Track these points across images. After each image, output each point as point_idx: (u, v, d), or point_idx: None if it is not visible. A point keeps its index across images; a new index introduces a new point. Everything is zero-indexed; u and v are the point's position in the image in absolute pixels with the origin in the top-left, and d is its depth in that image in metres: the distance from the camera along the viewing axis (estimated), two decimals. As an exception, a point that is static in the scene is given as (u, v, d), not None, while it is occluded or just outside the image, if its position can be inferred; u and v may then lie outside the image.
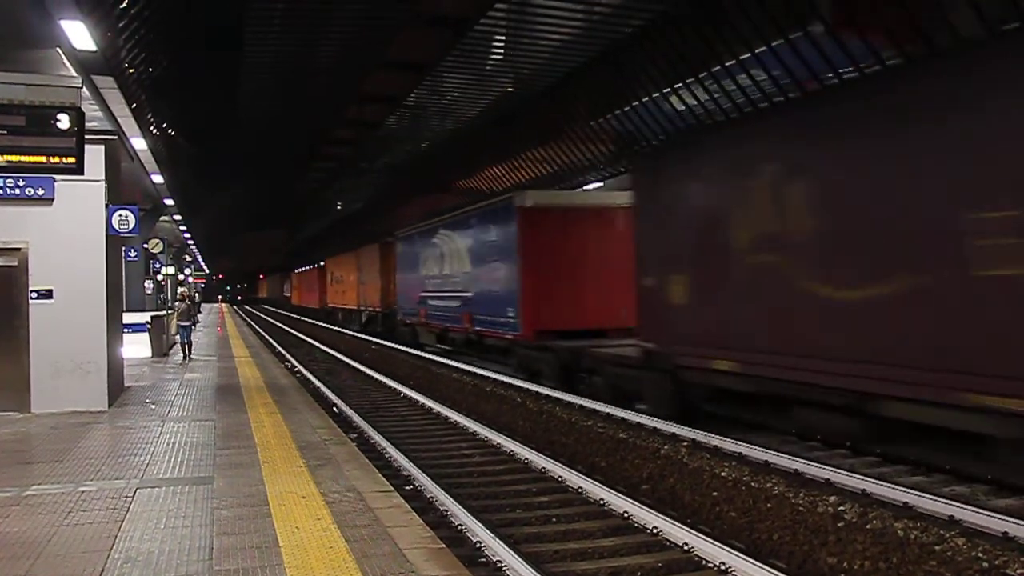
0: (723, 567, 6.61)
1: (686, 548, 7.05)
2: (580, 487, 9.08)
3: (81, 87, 9.05)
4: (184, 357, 20.41)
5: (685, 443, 10.41)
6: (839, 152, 9.02)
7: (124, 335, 14.92)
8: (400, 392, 17.37)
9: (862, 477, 8.30)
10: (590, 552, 7.22)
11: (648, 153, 14.96)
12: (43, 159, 8.71)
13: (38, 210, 11.13)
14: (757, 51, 11.05)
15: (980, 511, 7.10)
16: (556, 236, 16.61)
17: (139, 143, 13.76)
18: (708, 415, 11.86)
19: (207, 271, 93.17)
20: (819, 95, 10.25)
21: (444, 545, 5.64)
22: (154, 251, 26.24)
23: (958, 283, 7.58)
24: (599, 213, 16.88)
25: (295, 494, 6.80)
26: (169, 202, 23.76)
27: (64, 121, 8.66)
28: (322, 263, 49.99)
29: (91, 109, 10.39)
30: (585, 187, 19.06)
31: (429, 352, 23.84)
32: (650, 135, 14.84)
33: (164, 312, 24.72)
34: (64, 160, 8.76)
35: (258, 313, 76.23)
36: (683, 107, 13.53)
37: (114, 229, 12.06)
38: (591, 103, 15.80)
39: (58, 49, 8.62)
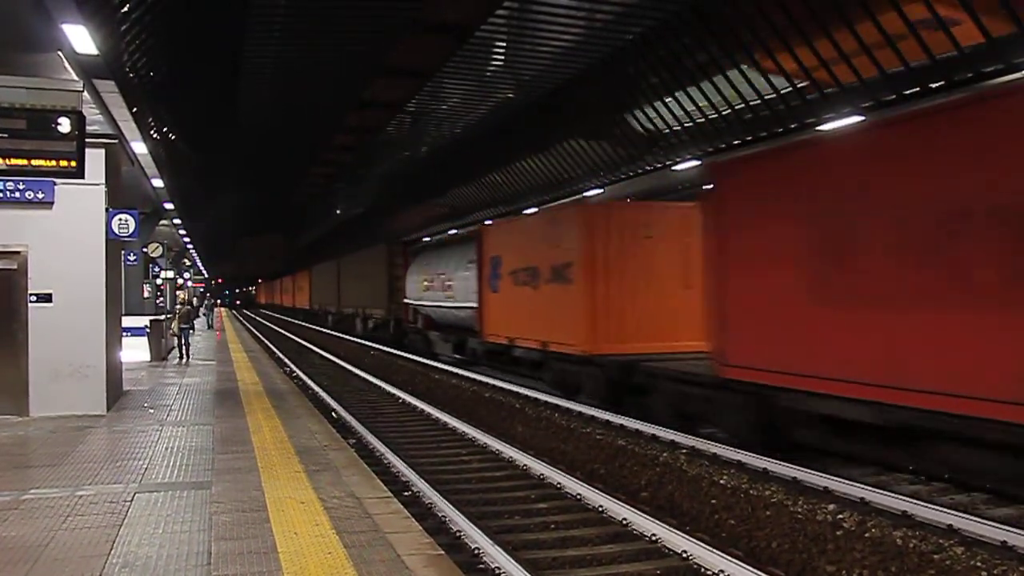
0: (722, 574, 6.60)
1: (685, 555, 7.04)
2: (579, 494, 9.06)
3: (82, 91, 9.04)
4: (182, 358, 20.91)
5: (684, 450, 10.40)
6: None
7: (123, 339, 14.91)
8: (399, 398, 17.35)
9: (861, 485, 8.29)
10: (588, 559, 7.22)
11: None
12: (44, 163, 8.70)
13: (38, 213, 11.14)
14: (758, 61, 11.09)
15: (979, 520, 7.09)
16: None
17: (139, 147, 13.73)
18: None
19: (206, 275, 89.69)
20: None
21: (442, 551, 5.64)
22: (153, 255, 26.24)
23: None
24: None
25: (294, 499, 6.79)
26: (169, 206, 23.74)
27: (65, 125, 8.66)
28: None
29: (92, 113, 10.36)
30: (585, 193, 19.01)
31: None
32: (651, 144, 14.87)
33: (164, 317, 24.74)
34: (65, 164, 8.75)
35: (266, 323, 64.55)
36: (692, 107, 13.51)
37: (114, 233, 12.06)
38: (591, 110, 15.82)
39: (59, 53, 8.60)
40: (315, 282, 50.84)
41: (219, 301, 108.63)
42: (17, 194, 10.94)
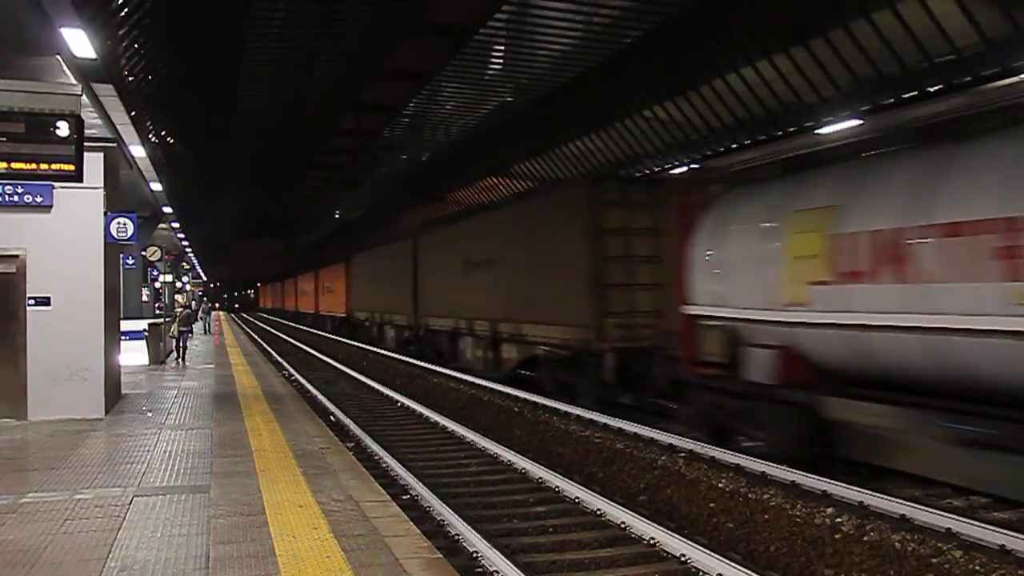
0: (720, 578, 6.59)
1: (683, 559, 7.03)
2: (577, 497, 9.05)
3: (81, 95, 9.06)
4: (179, 359, 21.00)
5: (682, 454, 10.40)
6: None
7: (122, 342, 14.90)
8: (397, 401, 17.33)
9: (860, 489, 8.29)
10: (587, 562, 7.20)
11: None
12: (42, 166, 8.71)
13: (37, 217, 11.13)
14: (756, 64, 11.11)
15: (977, 524, 7.09)
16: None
17: (138, 151, 13.75)
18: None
19: (204, 278, 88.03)
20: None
21: (441, 555, 5.63)
22: (152, 259, 26.23)
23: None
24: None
25: (292, 503, 6.79)
26: (167, 210, 23.76)
27: (63, 128, 8.67)
28: None
29: (90, 117, 10.38)
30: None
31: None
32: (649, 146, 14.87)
33: (163, 320, 24.77)
34: (63, 167, 8.76)
35: (269, 329, 63.89)
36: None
37: (112, 236, 12.05)
38: (589, 113, 15.84)
39: (58, 57, 8.61)
40: (357, 277, 34.53)
41: (217, 304, 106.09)
42: (16, 198, 10.93)
